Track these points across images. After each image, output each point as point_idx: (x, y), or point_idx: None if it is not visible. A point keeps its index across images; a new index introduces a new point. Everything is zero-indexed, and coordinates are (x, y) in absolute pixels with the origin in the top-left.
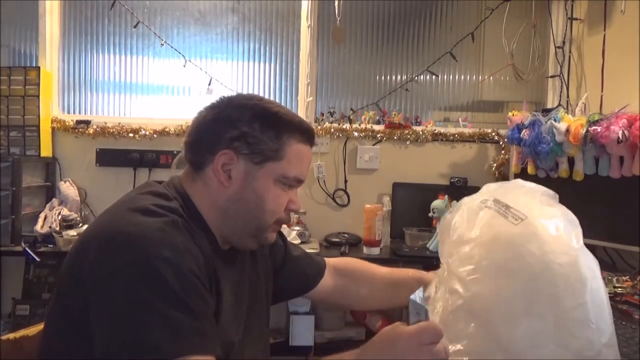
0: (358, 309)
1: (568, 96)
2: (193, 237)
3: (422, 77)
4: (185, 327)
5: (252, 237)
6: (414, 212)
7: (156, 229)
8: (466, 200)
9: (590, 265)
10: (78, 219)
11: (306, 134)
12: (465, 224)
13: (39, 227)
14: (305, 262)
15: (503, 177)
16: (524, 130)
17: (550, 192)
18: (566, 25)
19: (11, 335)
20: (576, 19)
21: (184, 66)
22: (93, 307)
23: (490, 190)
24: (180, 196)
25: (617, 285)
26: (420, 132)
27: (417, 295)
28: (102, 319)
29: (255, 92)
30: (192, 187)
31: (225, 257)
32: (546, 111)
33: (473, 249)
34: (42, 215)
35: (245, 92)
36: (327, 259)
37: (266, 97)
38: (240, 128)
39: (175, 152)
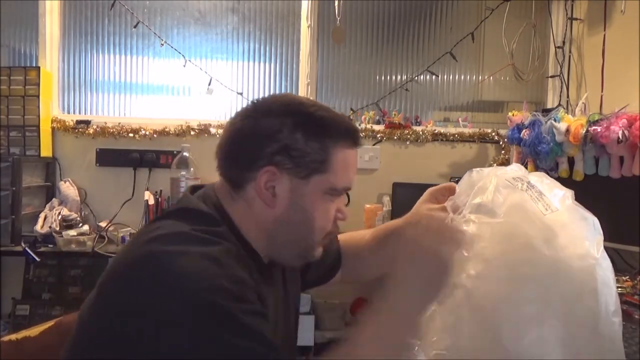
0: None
1: (568, 96)
2: (243, 263)
3: (422, 77)
4: (261, 352)
5: (299, 257)
6: None
7: (210, 259)
8: (498, 172)
9: (606, 276)
10: (78, 219)
11: (352, 138)
12: (492, 195)
13: (39, 227)
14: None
15: None
16: (524, 130)
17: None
18: (566, 25)
19: (13, 336)
20: (576, 19)
21: (184, 66)
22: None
23: (522, 171)
24: (221, 216)
25: (617, 285)
26: (420, 132)
27: None
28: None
29: (255, 93)
30: (233, 207)
31: (265, 274)
32: (546, 111)
33: (486, 247)
34: (42, 215)
35: (279, 93)
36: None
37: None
38: (282, 140)
39: (175, 152)
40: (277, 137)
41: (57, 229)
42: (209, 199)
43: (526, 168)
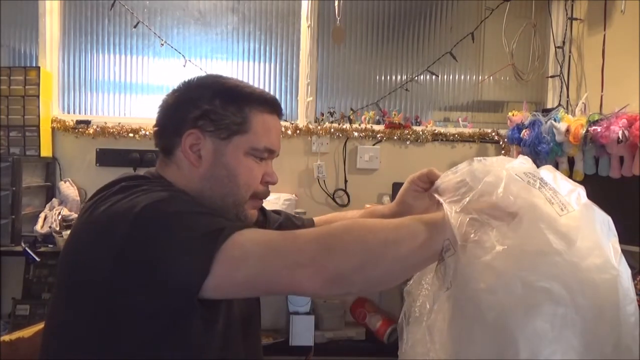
0: None
1: (568, 96)
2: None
3: (422, 77)
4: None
5: (232, 215)
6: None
7: (145, 190)
8: (505, 164)
9: (628, 287)
10: None
11: (269, 105)
12: (503, 193)
13: (39, 227)
14: (287, 224)
15: None
16: (524, 130)
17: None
18: (566, 25)
19: (6, 337)
20: (576, 19)
21: (184, 66)
22: (154, 263)
23: (530, 163)
24: (158, 177)
25: None
26: (420, 132)
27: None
28: (169, 258)
29: None
30: (166, 172)
31: None
32: (546, 111)
33: (495, 259)
34: (42, 215)
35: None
36: (318, 218)
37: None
38: (202, 107)
39: None
40: (198, 104)
41: (57, 229)
42: (148, 172)
43: None
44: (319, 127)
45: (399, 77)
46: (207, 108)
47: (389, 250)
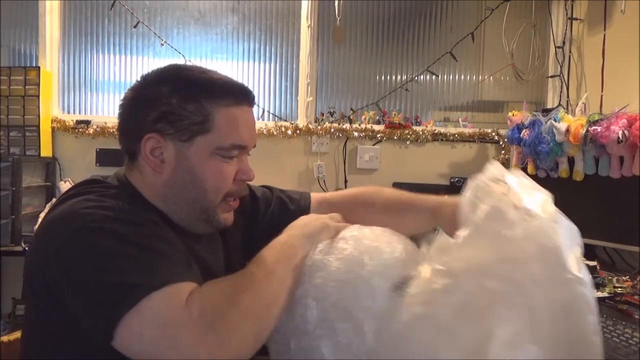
0: None
1: (568, 96)
2: (136, 209)
3: (422, 77)
4: (156, 264)
5: (202, 221)
6: None
7: (93, 200)
8: (492, 192)
9: (587, 294)
10: None
11: (234, 95)
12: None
13: None
14: (280, 210)
15: None
16: (524, 130)
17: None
18: (566, 25)
19: (5, 338)
20: (576, 19)
21: None
22: (63, 289)
23: (500, 169)
24: (121, 183)
25: (617, 285)
26: (420, 132)
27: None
28: (75, 294)
29: (255, 92)
30: (132, 177)
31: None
32: (546, 111)
33: (453, 261)
34: (42, 215)
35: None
36: (321, 194)
37: (266, 97)
38: (159, 108)
39: None
40: (155, 105)
41: None
42: (115, 173)
43: (526, 168)
44: (319, 127)
45: (399, 77)
46: (164, 109)
47: (273, 310)
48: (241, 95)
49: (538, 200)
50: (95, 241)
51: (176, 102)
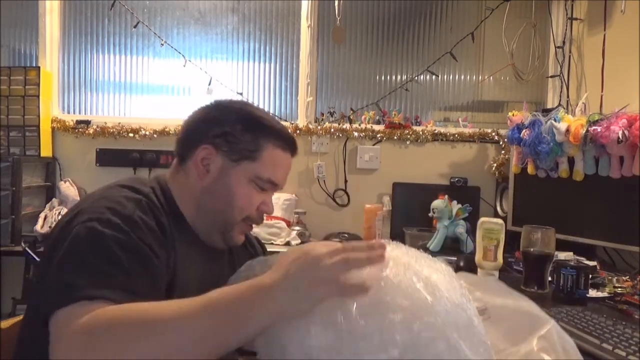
0: None
1: (568, 96)
2: (156, 216)
3: (422, 77)
4: (107, 278)
5: (219, 233)
6: (414, 212)
7: (112, 201)
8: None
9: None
10: None
11: (285, 141)
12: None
13: (39, 227)
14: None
15: (503, 177)
16: (524, 130)
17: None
18: (566, 25)
19: (4, 324)
20: (576, 19)
21: (184, 66)
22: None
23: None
24: (159, 185)
25: (617, 285)
26: (420, 132)
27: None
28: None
29: (255, 92)
30: (174, 178)
31: (197, 244)
32: (546, 111)
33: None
34: (42, 215)
35: (237, 98)
36: None
37: (266, 97)
38: (223, 127)
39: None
40: (220, 124)
41: None
42: (156, 175)
43: (526, 168)
44: (319, 127)
45: (399, 77)
46: (227, 130)
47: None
48: (290, 145)
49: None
50: (81, 236)
51: (238, 128)
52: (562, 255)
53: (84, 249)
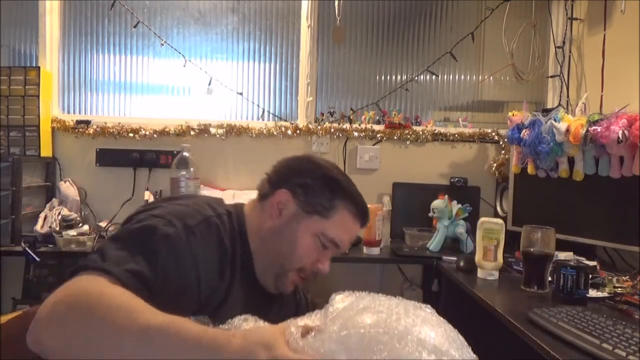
0: None
1: (568, 96)
2: (220, 236)
3: (422, 77)
4: (133, 264)
5: (273, 276)
6: (414, 212)
7: (184, 208)
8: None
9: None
10: (78, 219)
11: (358, 210)
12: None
13: (39, 227)
14: None
15: (503, 177)
16: (524, 130)
17: None
18: (566, 25)
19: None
20: (576, 19)
21: (184, 66)
22: None
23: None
24: (236, 212)
25: (617, 285)
26: (420, 132)
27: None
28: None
29: (255, 92)
30: (251, 211)
31: (254, 282)
32: (546, 111)
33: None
34: (42, 215)
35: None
36: None
37: (266, 97)
38: (306, 180)
39: (175, 152)
40: (304, 176)
41: (57, 229)
42: (238, 206)
43: (526, 168)
44: (319, 127)
45: (399, 77)
46: (309, 183)
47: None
48: (362, 215)
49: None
50: (140, 224)
51: (319, 185)
52: (562, 255)
53: (134, 235)
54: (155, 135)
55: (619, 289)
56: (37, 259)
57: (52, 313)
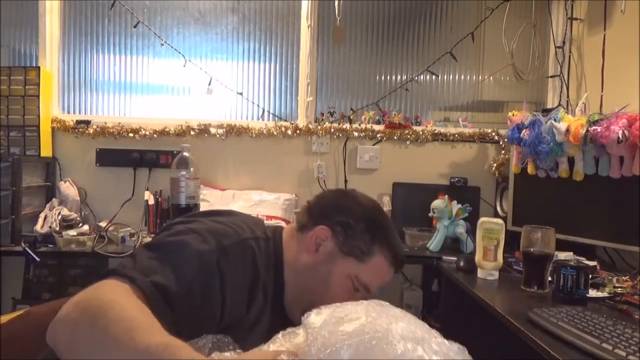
0: None
1: (568, 96)
2: (254, 259)
3: (422, 77)
4: (160, 275)
5: (301, 310)
6: (414, 212)
7: (222, 225)
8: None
9: None
10: (78, 219)
11: (395, 258)
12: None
13: (39, 227)
14: None
15: (503, 177)
16: (524, 130)
17: None
18: (566, 25)
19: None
20: (576, 19)
21: (184, 66)
22: None
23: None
24: (274, 238)
25: (617, 285)
26: (420, 132)
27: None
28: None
29: (255, 92)
30: (289, 240)
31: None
32: (546, 111)
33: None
34: (42, 215)
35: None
36: None
37: (266, 97)
38: (347, 220)
39: (175, 152)
40: (346, 215)
41: (57, 229)
42: (277, 230)
43: (526, 168)
44: (319, 127)
45: (399, 77)
46: (350, 223)
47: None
48: (398, 263)
49: None
50: (175, 236)
51: (360, 227)
52: (562, 255)
53: (167, 247)
54: (155, 135)
55: (619, 289)
56: (37, 259)
57: (68, 314)
